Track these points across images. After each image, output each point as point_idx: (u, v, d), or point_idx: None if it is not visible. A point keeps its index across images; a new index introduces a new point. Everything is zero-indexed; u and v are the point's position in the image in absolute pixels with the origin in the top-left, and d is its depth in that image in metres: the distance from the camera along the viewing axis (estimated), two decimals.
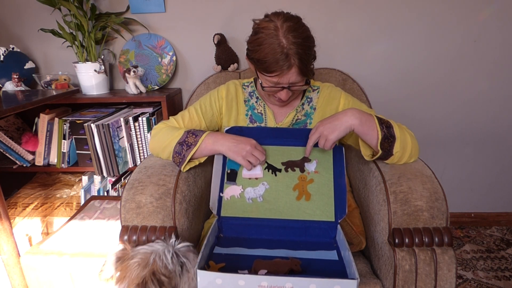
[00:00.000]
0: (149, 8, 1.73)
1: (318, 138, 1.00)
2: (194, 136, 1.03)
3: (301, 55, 0.95)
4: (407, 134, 1.00)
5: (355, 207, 1.16)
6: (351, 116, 0.96)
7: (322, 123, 0.99)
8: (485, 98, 1.79)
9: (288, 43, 0.94)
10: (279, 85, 1.02)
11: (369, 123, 0.97)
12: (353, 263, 0.81)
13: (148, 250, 0.83)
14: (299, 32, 0.96)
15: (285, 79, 0.99)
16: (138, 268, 0.80)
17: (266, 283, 0.75)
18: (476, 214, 2.00)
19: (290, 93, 1.05)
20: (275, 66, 0.96)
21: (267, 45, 0.96)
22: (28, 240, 1.54)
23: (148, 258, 0.81)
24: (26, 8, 1.77)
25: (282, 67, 0.95)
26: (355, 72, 1.70)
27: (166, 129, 1.10)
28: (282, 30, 0.95)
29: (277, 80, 1.00)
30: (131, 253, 0.84)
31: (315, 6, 1.68)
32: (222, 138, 1.03)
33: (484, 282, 1.57)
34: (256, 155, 1.01)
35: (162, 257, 0.82)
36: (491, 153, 1.88)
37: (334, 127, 0.97)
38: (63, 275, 1.22)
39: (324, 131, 0.98)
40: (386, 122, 0.99)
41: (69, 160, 1.68)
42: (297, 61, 0.96)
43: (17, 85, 1.64)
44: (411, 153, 1.01)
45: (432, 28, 1.69)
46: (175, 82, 1.85)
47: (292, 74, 0.98)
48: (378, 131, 0.96)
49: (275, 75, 0.98)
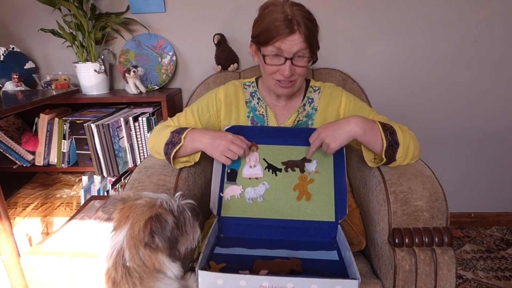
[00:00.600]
0: (149, 8, 1.73)
1: (320, 145, 0.99)
2: (177, 135, 1.03)
3: (306, 24, 0.95)
4: (409, 138, 0.99)
5: (355, 207, 1.16)
6: (355, 126, 0.94)
7: (324, 130, 0.97)
8: (485, 98, 1.79)
9: (292, 12, 0.96)
10: (282, 55, 0.99)
11: (373, 131, 0.95)
12: (354, 263, 0.81)
13: (154, 196, 0.81)
14: (303, 8, 0.99)
15: (288, 46, 0.97)
16: (144, 208, 0.77)
17: (267, 283, 0.75)
18: (476, 214, 2.00)
19: (293, 70, 1.01)
20: (277, 30, 0.95)
21: (270, 15, 0.97)
22: (28, 240, 1.54)
23: (155, 202, 0.79)
24: (26, 8, 1.77)
25: (284, 30, 0.95)
26: (355, 72, 1.70)
27: (156, 131, 1.11)
28: (287, 3, 0.98)
29: (279, 45, 0.97)
30: (134, 196, 0.82)
31: (315, 6, 1.67)
32: (200, 135, 1.02)
33: (484, 282, 1.57)
34: (234, 150, 0.99)
35: (168, 203, 0.79)
36: (491, 153, 1.89)
37: (336, 136, 0.95)
38: (63, 275, 1.22)
39: (325, 139, 0.96)
40: (390, 128, 0.97)
41: (69, 160, 1.68)
42: (302, 27, 0.95)
43: (17, 85, 1.64)
44: (413, 155, 1.01)
45: (432, 28, 1.69)
46: (175, 82, 1.85)
47: (296, 41, 0.96)
48: (383, 139, 0.94)
49: (277, 39, 0.96)
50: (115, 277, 0.76)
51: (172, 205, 0.79)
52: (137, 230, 0.75)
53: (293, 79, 1.04)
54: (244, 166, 1.07)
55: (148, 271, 0.76)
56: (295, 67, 1.01)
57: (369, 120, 0.97)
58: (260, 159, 1.07)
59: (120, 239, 0.76)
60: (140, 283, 0.75)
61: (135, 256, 0.75)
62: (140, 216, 0.76)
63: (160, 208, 0.77)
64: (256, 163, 1.06)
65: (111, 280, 0.76)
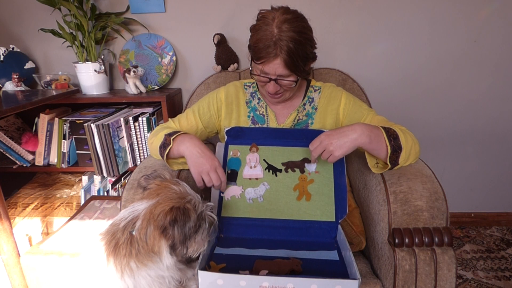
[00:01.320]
0: (149, 8, 1.73)
1: (322, 152, 0.96)
2: (169, 137, 1.03)
3: (290, 48, 0.95)
4: (410, 140, 0.99)
5: (355, 207, 1.16)
6: (361, 134, 0.93)
7: (328, 137, 0.94)
8: (485, 98, 1.79)
9: (279, 33, 0.95)
10: (266, 75, 1.01)
11: (378, 138, 0.94)
12: (354, 263, 0.81)
13: (188, 191, 0.85)
14: (294, 25, 0.96)
15: (271, 69, 0.99)
16: (175, 195, 0.81)
17: (268, 283, 0.75)
18: (476, 214, 2.00)
19: (277, 88, 1.04)
20: (263, 52, 0.97)
21: (261, 31, 0.98)
22: (28, 240, 1.54)
23: (187, 196, 0.82)
24: (26, 8, 1.77)
25: (268, 54, 0.96)
26: (355, 72, 1.70)
27: (154, 133, 1.12)
28: (278, 20, 0.97)
29: (262, 67, 1.00)
30: (173, 181, 0.86)
31: (315, 6, 1.68)
32: (190, 143, 1.00)
33: (484, 282, 1.57)
34: (212, 178, 0.97)
35: (197, 205, 0.82)
36: (491, 153, 1.89)
37: (341, 144, 0.93)
38: (63, 275, 1.22)
39: (329, 147, 0.93)
40: (393, 133, 0.96)
41: (69, 160, 1.68)
42: (284, 53, 0.95)
43: (17, 85, 1.64)
44: (414, 157, 1.01)
45: (432, 28, 1.69)
46: (175, 82, 1.85)
47: (278, 65, 0.98)
48: (387, 146, 0.94)
49: (261, 62, 0.99)
50: (119, 239, 0.79)
51: (198, 208, 0.82)
52: (158, 210, 0.78)
53: (281, 92, 1.07)
54: (244, 166, 1.07)
55: (146, 249, 0.78)
56: (280, 85, 1.04)
57: (374, 127, 0.96)
58: (260, 160, 1.07)
59: (140, 209, 0.80)
60: (136, 255, 0.78)
61: (143, 230, 0.78)
62: (168, 200, 0.79)
63: (188, 204, 0.80)
64: (257, 163, 1.06)
65: (115, 241, 0.79)
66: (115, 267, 0.78)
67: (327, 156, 0.95)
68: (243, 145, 1.10)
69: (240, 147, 1.10)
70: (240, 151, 1.09)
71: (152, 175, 0.87)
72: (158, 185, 0.84)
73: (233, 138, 1.12)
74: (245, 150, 1.09)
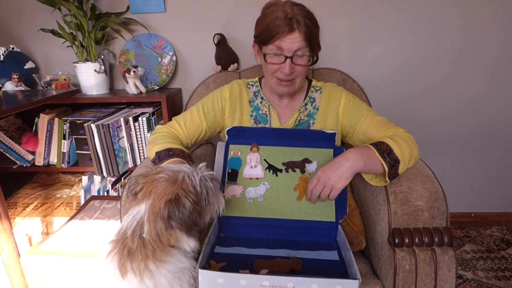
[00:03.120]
0: (149, 8, 1.73)
1: (322, 189, 0.95)
2: (158, 161, 1.00)
3: (306, 23, 0.97)
4: (406, 148, 0.97)
5: (355, 207, 1.16)
6: (355, 161, 0.93)
7: (324, 173, 0.94)
8: (485, 98, 1.79)
9: (293, 11, 0.98)
10: (282, 54, 1.00)
11: (371, 159, 0.94)
12: (355, 263, 0.81)
13: (176, 169, 0.81)
14: (304, 8, 1.00)
15: (288, 44, 0.98)
16: (166, 183, 0.78)
17: (268, 282, 0.75)
18: (476, 214, 2.00)
19: (292, 68, 1.02)
20: (277, 29, 0.97)
21: (271, 14, 0.99)
22: (28, 240, 1.54)
23: (177, 176, 0.79)
24: (26, 8, 1.77)
25: (284, 29, 0.96)
26: (355, 72, 1.70)
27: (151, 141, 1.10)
28: (288, 4, 1.00)
29: (279, 44, 0.99)
30: (156, 169, 0.83)
31: (316, 6, 1.66)
32: None
33: (484, 282, 1.57)
34: None
35: (191, 177, 0.79)
36: (491, 153, 1.89)
37: (340, 176, 0.93)
38: (63, 275, 1.22)
39: (329, 182, 0.93)
40: (386, 148, 0.95)
41: (69, 160, 1.68)
42: (302, 26, 0.97)
43: (17, 85, 1.64)
44: (414, 162, 1.00)
45: (432, 28, 1.69)
46: (175, 82, 1.85)
47: (295, 39, 0.98)
48: (383, 165, 0.94)
49: (277, 38, 0.98)
50: (131, 246, 0.78)
51: (194, 179, 0.79)
52: (157, 208, 0.77)
53: (293, 77, 1.05)
54: (245, 166, 1.07)
55: (162, 246, 0.78)
56: (295, 65, 1.02)
57: (364, 149, 0.96)
58: (261, 159, 1.07)
59: (142, 211, 0.79)
60: (153, 255, 0.78)
61: (152, 231, 0.77)
62: (162, 193, 0.77)
63: (183, 184, 0.78)
64: (257, 163, 1.06)
65: (127, 249, 0.78)
66: (134, 273, 0.76)
67: (329, 191, 0.94)
68: (244, 145, 1.10)
69: (241, 147, 1.10)
70: (241, 150, 1.09)
71: (133, 183, 0.85)
72: (146, 183, 0.82)
73: (234, 138, 1.12)
74: (245, 150, 1.09)
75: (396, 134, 1.02)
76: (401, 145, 0.97)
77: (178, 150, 1.03)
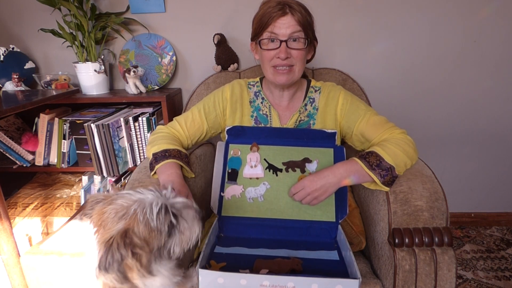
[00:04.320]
0: (149, 8, 1.73)
1: (305, 196, 0.97)
2: (155, 162, 1.01)
3: (299, 8, 1.00)
4: (399, 151, 0.97)
5: (355, 207, 1.16)
6: (341, 178, 0.96)
7: (311, 183, 0.96)
8: (485, 98, 1.79)
9: (287, 1, 1.00)
10: (276, 38, 1.01)
11: (361, 174, 0.96)
12: (355, 263, 0.81)
13: (133, 197, 0.69)
14: (298, 2, 1.03)
15: (281, 28, 1.00)
16: (114, 218, 0.67)
17: (268, 282, 0.75)
18: (476, 214, 2.00)
19: (288, 53, 1.02)
20: (270, 14, 0.99)
21: (265, 5, 1.02)
22: (28, 240, 1.54)
23: (129, 208, 0.67)
24: (26, 8, 1.77)
25: (277, 12, 0.99)
26: (355, 72, 1.70)
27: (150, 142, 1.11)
28: None
29: (272, 29, 1.00)
30: (113, 196, 0.71)
31: (315, 6, 1.67)
32: (168, 175, 0.97)
33: (484, 282, 1.57)
34: None
35: (146, 210, 0.67)
36: (491, 153, 1.89)
37: (325, 190, 0.97)
38: (63, 275, 1.22)
39: (314, 193, 0.96)
40: (374, 160, 0.96)
41: (69, 160, 1.68)
42: (294, 10, 0.99)
43: (17, 85, 1.64)
44: (411, 162, 1.00)
45: (432, 28, 1.70)
46: (175, 82, 1.85)
47: (288, 23, 0.99)
48: (373, 177, 0.95)
49: (270, 23, 1.00)
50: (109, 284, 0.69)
51: (151, 213, 0.67)
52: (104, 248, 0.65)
53: (290, 63, 1.04)
54: (245, 166, 1.07)
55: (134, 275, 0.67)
56: (291, 50, 1.02)
57: (352, 165, 0.97)
58: (261, 159, 1.07)
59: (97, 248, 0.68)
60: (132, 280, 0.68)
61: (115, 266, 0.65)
62: (107, 230, 0.66)
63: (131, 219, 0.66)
64: (257, 163, 1.06)
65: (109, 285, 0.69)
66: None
67: (311, 200, 0.98)
68: (243, 144, 1.10)
69: (241, 146, 1.10)
70: (241, 150, 1.09)
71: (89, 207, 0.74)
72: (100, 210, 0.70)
73: (234, 137, 1.12)
74: (245, 150, 1.09)
75: (389, 138, 1.02)
76: (392, 151, 0.97)
77: (175, 151, 1.03)
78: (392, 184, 0.97)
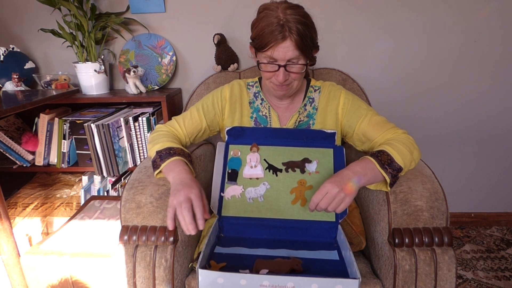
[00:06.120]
0: (149, 8, 1.73)
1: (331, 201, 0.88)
2: (159, 160, 1.00)
3: (298, 29, 0.95)
4: (407, 153, 0.96)
5: (355, 207, 1.16)
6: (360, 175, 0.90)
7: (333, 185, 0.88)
8: (485, 98, 1.79)
9: (285, 16, 0.95)
10: (275, 62, 0.99)
11: (374, 172, 0.93)
12: (355, 263, 0.81)
13: None
14: (297, 11, 0.98)
15: (280, 54, 0.97)
16: None
17: (268, 282, 0.75)
18: (476, 214, 2.00)
19: (287, 76, 1.01)
20: (270, 36, 0.95)
21: (266, 18, 0.98)
22: (28, 240, 1.54)
23: None
24: (26, 8, 1.77)
25: (276, 37, 0.95)
26: (355, 72, 1.70)
27: (151, 140, 1.10)
28: (281, 7, 0.98)
29: (271, 53, 0.98)
30: None
31: (315, 6, 1.68)
32: (177, 172, 0.94)
33: (484, 282, 1.57)
34: (183, 214, 0.84)
35: None
36: (491, 153, 1.89)
37: (350, 188, 0.88)
38: (63, 275, 1.22)
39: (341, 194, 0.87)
40: (386, 159, 0.94)
41: (69, 160, 1.68)
42: (294, 34, 0.95)
43: (17, 85, 1.64)
44: (415, 163, 1.00)
45: (432, 28, 1.70)
46: (175, 82, 1.85)
47: (288, 48, 0.96)
48: (385, 177, 0.93)
49: (270, 46, 0.97)
50: None
51: None
52: None
53: (288, 83, 1.05)
54: (245, 166, 1.07)
55: None
56: (289, 73, 1.01)
57: (366, 162, 0.94)
58: (261, 159, 1.07)
59: None
60: None
61: None
62: None
63: None
64: (257, 163, 1.07)
65: None
66: None
67: (338, 205, 0.88)
68: (243, 145, 1.10)
69: (241, 147, 1.10)
70: (241, 150, 1.09)
71: None
72: None
73: (233, 138, 1.12)
74: (245, 150, 1.09)
75: (395, 137, 1.02)
76: (401, 151, 0.96)
77: (179, 149, 1.03)
78: (394, 184, 0.97)
